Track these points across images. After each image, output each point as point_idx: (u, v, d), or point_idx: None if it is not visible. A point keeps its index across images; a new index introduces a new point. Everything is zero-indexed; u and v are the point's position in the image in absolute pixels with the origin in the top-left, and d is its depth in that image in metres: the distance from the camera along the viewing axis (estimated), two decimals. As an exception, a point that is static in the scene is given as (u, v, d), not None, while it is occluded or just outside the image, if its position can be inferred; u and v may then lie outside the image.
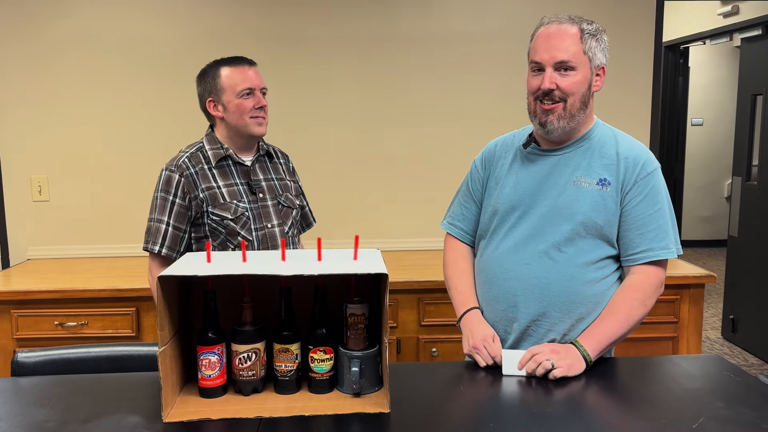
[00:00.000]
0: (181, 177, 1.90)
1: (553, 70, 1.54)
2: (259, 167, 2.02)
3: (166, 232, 1.90)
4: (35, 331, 2.55)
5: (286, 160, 2.14)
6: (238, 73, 1.92)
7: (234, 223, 1.92)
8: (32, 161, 3.08)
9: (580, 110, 1.58)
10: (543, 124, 1.58)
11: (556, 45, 1.54)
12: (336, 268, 1.34)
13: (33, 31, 3.00)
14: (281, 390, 1.41)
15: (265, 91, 1.97)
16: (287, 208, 2.03)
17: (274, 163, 2.07)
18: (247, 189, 1.96)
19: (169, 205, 1.90)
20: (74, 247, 3.12)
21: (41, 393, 1.45)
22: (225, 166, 1.95)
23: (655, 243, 1.56)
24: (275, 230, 1.98)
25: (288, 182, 2.08)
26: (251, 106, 1.91)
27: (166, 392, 1.30)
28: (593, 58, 1.56)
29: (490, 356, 1.56)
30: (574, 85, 1.55)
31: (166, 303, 1.31)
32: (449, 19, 3.12)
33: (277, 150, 2.12)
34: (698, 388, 1.45)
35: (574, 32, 1.54)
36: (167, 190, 1.90)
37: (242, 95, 1.91)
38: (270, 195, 2.00)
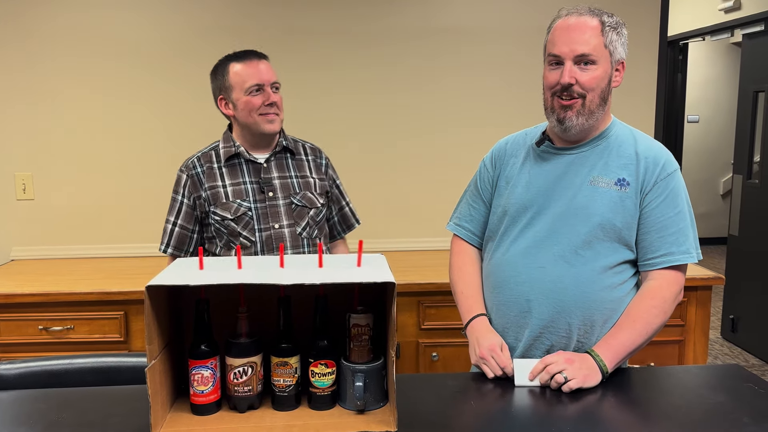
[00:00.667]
0: (188, 177, 1.91)
1: (573, 63, 1.46)
2: (276, 164, 1.93)
3: (172, 231, 1.93)
4: (18, 336, 2.45)
5: (317, 156, 2.03)
6: (247, 68, 1.84)
7: (234, 223, 1.86)
8: (16, 158, 2.97)
9: (600, 107, 1.49)
10: (561, 120, 1.49)
11: (576, 38, 1.45)
12: (338, 276, 1.25)
13: (18, 27, 2.88)
14: (279, 406, 1.31)
15: (277, 85, 1.88)
16: (302, 207, 1.92)
17: (297, 160, 1.97)
18: (257, 187, 1.89)
19: (177, 205, 1.93)
20: (60, 247, 3.01)
21: (21, 409, 1.35)
22: (236, 164, 1.90)
23: (676, 247, 1.48)
24: (284, 231, 1.89)
25: (311, 180, 1.97)
26: (260, 103, 1.83)
27: (155, 410, 1.21)
28: (614, 52, 1.48)
29: (499, 367, 1.48)
30: (595, 80, 1.46)
31: (155, 314, 1.22)
32: (455, 17, 3.04)
33: (307, 145, 2.03)
34: (722, 402, 1.37)
35: (595, 24, 1.46)
36: (176, 190, 1.94)
37: (251, 92, 1.83)
38: (282, 193, 1.90)
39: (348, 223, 2.13)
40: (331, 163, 2.07)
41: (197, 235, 1.94)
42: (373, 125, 3.09)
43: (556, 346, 1.53)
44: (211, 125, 3.00)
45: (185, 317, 1.38)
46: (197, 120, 3.02)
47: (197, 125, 3.02)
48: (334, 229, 2.11)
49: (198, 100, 3.00)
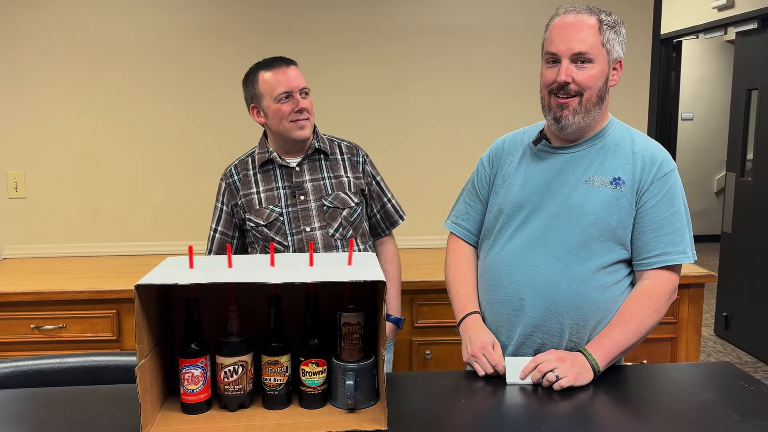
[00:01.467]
0: (226, 185, 1.97)
1: (570, 62, 1.45)
2: (309, 167, 1.94)
3: (213, 238, 2.00)
4: (10, 335, 2.43)
5: (353, 154, 2.02)
6: (275, 75, 1.85)
7: (267, 229, 1.89)
8: (8, 156, 2.95)
9: (596, 105, 1.49)
10: (557, 119, 1.49)
11: (574, 36, 1.45)
12: (329, 274, 1.24)
13: (8, 21, 2.87)
14: (270, 405, 1.31)
15: (306, 91, 1.88)
16: (333, 208, 1.92)
17: (331, 160, 1.97)
18: (289, 192, 1.91)
19: (218, 212, 1.99)
20: (52, 245, 3.00)
21: (11, 409, 1.35)
22: (270, 170, 1.93)
23: (671, 247, 1.48)
24: (315, 233, 1.90)
25: (345, 179, 1.96)
26: (289, 110, 1.84)
27: (145, 409, 1.21)
28: (611, 50, 1.48)
29: (490, 365, 1.48)
30: (591, 78, 1.46)
31: (144, 313, 1.21)
32: (453, 15, 3.03)
33: (343, 144, 2.03)
34: (712, 399, 1.38)
35: (593, 23, 1.46)
36: (217, 198, 2.00)
37: (280, 100, 1.84)
38: (314, 196, 1.91)
39: (392, 219, 2.12)
40: (369, 159, 2.06)
41: (237, 241, 1.99)
42: (369, 125, 3.08)
43: (547, 344, 1.53)
44: (208, 123, 3.00)
45: (175, 316, 1.38)
46: (189, 118, 3.01)
47: (189, 123, 3.01)
48: (378, 227, 2.10)
49: (200, 96, 3.00)
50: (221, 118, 3.00)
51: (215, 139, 3.00)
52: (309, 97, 1.89)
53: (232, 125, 2.98)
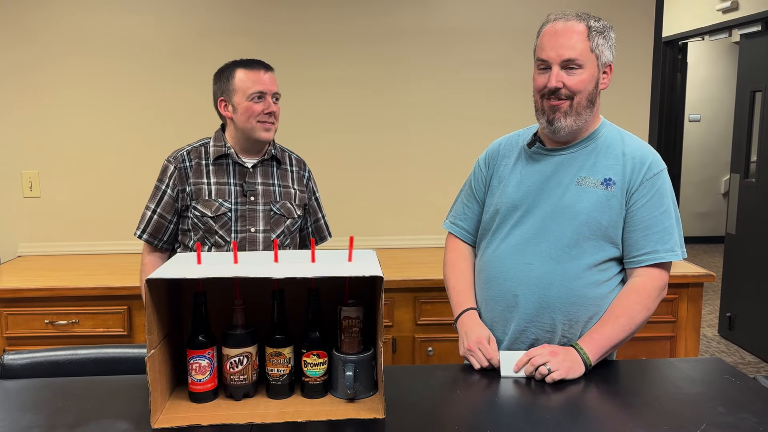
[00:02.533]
0: (176, 168, 1.95)
1: (560, 68, 1.51)
2: (262, 171, 1.98)
3: (150, 219, 1.98)
4: (25, 329, 2.51)
5: (301, 168, 2.09)
6: (252, 75, 1.89)
7: (213, 222, 1.92)
8: (23, 157, 3.03)
9: (587, 108, 1.54)
10: (550, 121, 1.55)
11: (563, 43, 1.50)
12: (330, 270, 1.30)
13: (25, 27, 2.95)
14: (273, 395, 1.37)
15: (277, 96, 1.94)
16: (280, 215, 1.98)
17: (282, 170, 2.03)
18: (239, 190, 1.94)
19: (160, 193, 1.96)
20: (65, 244, 3.08)
21: (27, 397, 1.41)
22: (223, 165, 1.96)
23: (660, 245, 1.53)
24: (258, 235, 1.95)
25: (293, 191, 2.02)
26: (260, 110, 1.89)
27: (155, 397, 1.27)
28: (600, 55, 1.53)
29: (486, 358, 1.53)
30: (581, 83, 1.51)
31: (154, 306, 1.27)
32: (452, 16, 3.08)
33: (293, 157, 2.09)
34: (699, 392, 1.43)
35: (582, 29, 1.51)
36: (161, 179, 1.97)
37: (252, 98, 1.89)
38: (263, 200, 1.96)
39: (321, 235, 2.19)
40: (312, 176, 2.14)
41: (173, 226, 1.98)
42: (371, 124, 3.14)
43: (540, 339, 1.58)
44: (215, 125, 3.06)
45: (184, 310, 1.44)
46: (202, 119, 3.07)
47: (202, 125, 3.07)
48: (307, 239, 2.15)
49: (203, 100, 3.06)
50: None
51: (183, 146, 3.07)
52: (278, 104, 1.95)
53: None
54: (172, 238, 2.00)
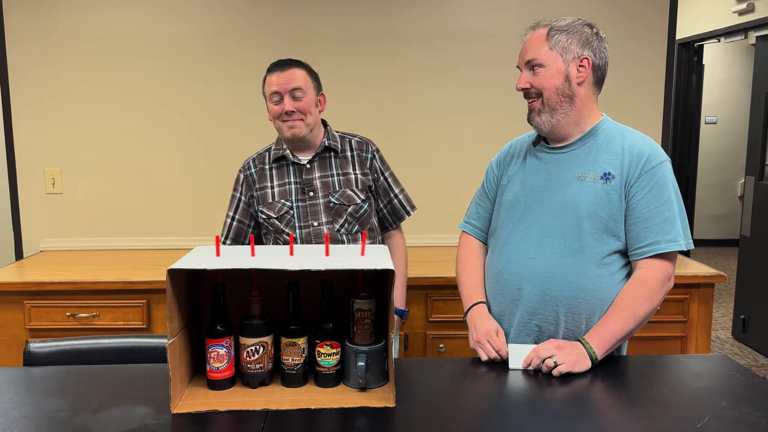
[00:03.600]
0: (244, 177, 2.07)
1: (528, 70, 1.62)
2: (319, 164, 2.03)
3: (230, 225, 2.10)
4: (47, 321, 2.59)
5: (363, 150, 2.08)
6: (270, 77, 1.95)
7: (278, 222, 2.00)
8: (46, 154, 3.11)
9: (562, 103, 1.60)
10: (530, 120, 1.65)
11: (526, 48, 1.64)
12: (343, 263, 1.35)
13: (47, 25, 3.03)
14: (288, 383, 1.42)
15: (296, 94, 1.93)
16: (339, 205, 2.01)
17: (341, 157, 2.05)
18: (299, 187, 2.00)
19: (236, 202, 2.09)
20: (86, 239, 3.16)
21: (52, 383, 1.47)
22: (283, 166, 2.03)
23: (662, 236, 1.56)
24: (322, 228, 1.99)
25: (353, 176, 2.03)
26: (279, 111, 1.94)
27: (174, 384, 1.32)
28: (564, 51, 1.58)
29: (494, 350, 1.57)
30: (544, 80, 1.60)
31: (175, 296, 1.33)
32: (459, 16, 3.12)
33: (354, 140, 2.09)
34: (704, 387, 1.45)
35: (541, 33, 1.61)
36: (235, 187, 2.10)
37: (272, 100, 1.95)
38: (323, 193, 2.00)
39: (398, 214, 2.17)
40: (379, 155, 2.12)
41: (253, 230, 2.10)
42: (387, 126, 3.18)
43: (545, 332, 1.62)
44: (236, 123, 3.13)
45: (203, 300, 1.50)
46: (222, 118, 3.14)
47: (222, 123, 3.14)
48: (386, 221, 2.17)
49: (225, 99, 3.13)
50: (247, 119, 3.13)
51: (239, 140, 3.13)
52: (305, 98, 1.94)
53: (256, 126, 3.11)
54: (256, 241, 2.06)
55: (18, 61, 3.04)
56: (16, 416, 1.30)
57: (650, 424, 1.27)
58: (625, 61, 3.13)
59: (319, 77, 2.04)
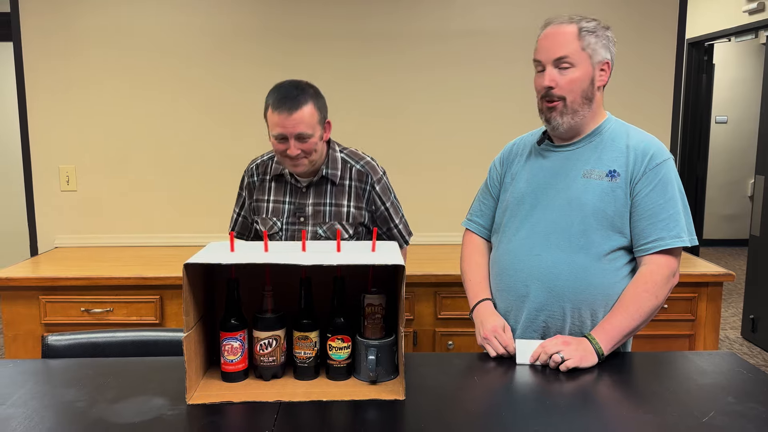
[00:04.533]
0: (247, 182, 2.10)
1: (553, 67, 1.59)
2: (315, 190, 1.98)
3: (236, 220, 2.16)
4: (62, 316, 2.63)
5: (362, 181, 1.99)
6: (275, 118, 1.82)
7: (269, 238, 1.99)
8: (61, 152, 3.16)
9: (584, 105, 1.61)
10: (548, 120, 1.64)
11: (554, 43, 1.59)
12: (354, 259, 1.38)
13: (62, 23, 3.08)
14: (300, 376, 1.46)
15: (304, 136, 1.81)
16: (325, 238, 1.97)
17: (338, 187, 1.98)
18: (292, 209, 1.99)
19: (241, 200, 2.14)
20: (100, 236, 3.20)
21: (70, 374, 1.51)
22: (282, 182, 2.01)
23: (666, 232, 1.58)
24: None
25: (345, 209, 1.97)
26: (283, 149, 1.84)
27: (190, 375, 1.35)
28: (593, 54, 1.59)
29: (501, 346, 1.60)
30: (572, 82, 1.59)
31: (191, 290, 1.36)
32: (468, 16, 3.14)
33: (355, 169, 1.99)
34: (710, 383, 1.47)
35: (572, 30, 1.59)
36: (241, 186, 2.13)
37: (276, 138, 1.84)
38: (313, 221, 1.97)
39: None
40: (381, 185, 2.02)
41: (253, 225, 2.13)
42: (396, 124, 3.21)
43: (551, 327, 1.64)
44: (249, 121, 3.16)
45: (217, 295, 1.53)
46: (236, 115, 3.18)
47: (236, 120, 3.18)
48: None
49: (239, 98, 3.16)
50: (260, 117, 3.16)
51: (250, 138, 3.16)
52: (312, 138, 1.83)
53: (266, 128, 3.14)
54: (255, 237, 2.14)
55: (33, 57, 3.08)
56: (36, 406, 1.33)
57: (656, 418, 1.29)
58: (634, 60, 3.14)
59: (325, 102, 1.91)
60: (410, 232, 2.21)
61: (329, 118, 1.95)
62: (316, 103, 1.85)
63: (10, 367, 1.55)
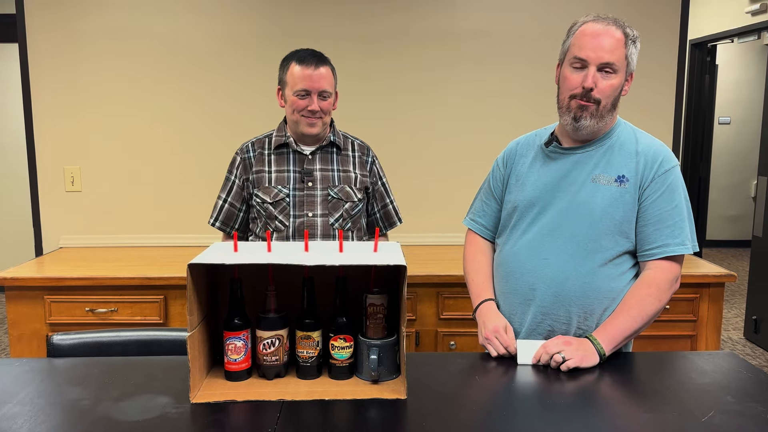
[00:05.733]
0: (241, 159, 2.08)
1: (597, 69, 1.56)
2: (321, 157, 2.05)
3: (221, 208, 2.12)
4: (67, 316, 2.65)
5: (364, 153, 2.13)
6: (301, 71, 1.93)
7: (272, 207, 2.01)
8: (66, 153, 3.18)
9: (610, 112, 1.61)
10: (576, 119, 1.59)
11: (603, 45, 1.55)
12: (356, 259, 1.39)
13: (68, 25, 3.10)
14: (303, 375, 1.47)
15: (326, 94, 1.96)
16: (337, 199, 2.04)
17: (343, 155, 2.08)
18: (298, 176, 2.03)
19: (229, 184, 2.10)
20: (105, 236, 3.23)
21: (75, 373, 1.52)
22: (284, 153, 2.05)
23: (671, 239, 1.59)
24: (316, 219, 2.02)
25: (353, 174, 2.07)
26: (303, 106, 1.95)
27: (193, 374, 1.37)
28: (630, 63, 1.60)
29: (503, 346, 1.61)
30: (611, 88, 1.58)
31: (195, 289, 1.37)
32: (470, 17, 3.15)
33: (356, 142, 2.14)
34: (710, 383, 1.48)
35: (620, 36, 1.57)
36: (230, 170, 2.11)
37: (298, 94, 1.95)
38: (321, 185, 2.03)
39: (390, 220, 2.23)
40: (378, 162, 2.17)
41: (244, 214, 2.12)
42: (398, 128, 3.22)
43: (556, 331, 1.65)
44: (255, 122, 3.18)
45: (221, 294, 1.54)
46: (241, 117, 3.19)
47: (241, 122, 3.20)
48: (377, 224, 2.21)
49: (243, 97, 3.18)
50: (265, 117, 3.18)
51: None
52: (330, 99, 1.98)
53: (269, 127, 3.15)
54: (243, 226, 2.13)
55: (38, 57, 3.11)
56: (42, 404, 1.35)
57: (657, 417, 1.29)
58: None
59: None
60: (401, 217, 2.28)
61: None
62: (332, 70, 2.01)
63: (16, 366, 1.56)
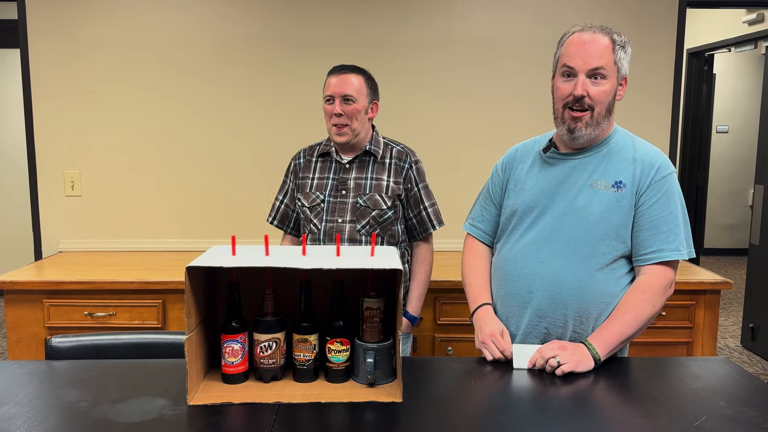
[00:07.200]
0: (294, 165, 2.24)
1: (586, 77, 1.59)
2: (357, 166, 2.15)
3: (278, 208, 2.29)
4: (66, 320, 2.66)
5: (401, 159, 2.16)
6: (330, 79, 2.08)
7: (309, 211, 2.14)
8: (66, 157, 3.20)
9: (605, 118, 1.63)
10: (571, 130, 1.63)
11: (591, 52, 1.58)
12: (353, 263, 1.40)
13: (69, 30, 3.12)
14: (299, 378, 1.48)
15: (349, 98, 2.04)
16: (365, 207, 2.10)
17: (379, 164, 2.15)
18: (335, 184, 2.13)
19: (285, 186, 2.27)
20: (104, 240, 3.24)
21: (74, 376, 1.53)
22: (327, 161, 2.18)
23: (666, 245, 1.61)
24: (344, 225, 2.10)
25: (385, 182, 2.12)
26: (330, 111, 2.06)
27: (191, 377, 1.38)
28: (620, 68, 1.62)
29: (498, 350, 1.62)
30: (603, 93, 1.60)
31: (193, 292, 1.39)
32: (469, 24, 3.18)
33: (396, 149, 2.18)
34: (703, 388, 1.49)
35: (607, 42, 1.59)
36: (286, 173, 2.27)
37: (326, 100, 2.08)
38: (353, 193, 2.12)
39: (424, 226, 2.23)
40: (417, 167, 2.19)
41: (296, 215, 2.25)
42: (396, 134, 3.23)
43: (552, 334, 1.66)
44: (254, 128, 3.20)
45: (218, 298, 1.55)
46: (241, 123, 3.21)
47: (241, 128, 3.21)
48: (414, 230, 2.24)
49: (243, 104, 3.20)
50: (259, 128, 3.20)
51: (249, 147, 3.21)
52: (354, 104, 2.05)
53: (268, 134, 3.18)
54: (297, 225, 2.24)
55: (39, 62, 3.13)
56: (40, 406, 1.36)
57: (650, 421, 1.31)
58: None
59: (377, 87, 2.15)
60: (441, 221, 2.28)
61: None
62: (366, 80, 2.11)
63: (14, 368, 1.57)
